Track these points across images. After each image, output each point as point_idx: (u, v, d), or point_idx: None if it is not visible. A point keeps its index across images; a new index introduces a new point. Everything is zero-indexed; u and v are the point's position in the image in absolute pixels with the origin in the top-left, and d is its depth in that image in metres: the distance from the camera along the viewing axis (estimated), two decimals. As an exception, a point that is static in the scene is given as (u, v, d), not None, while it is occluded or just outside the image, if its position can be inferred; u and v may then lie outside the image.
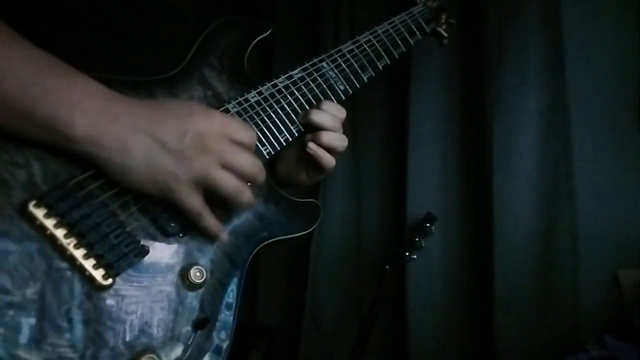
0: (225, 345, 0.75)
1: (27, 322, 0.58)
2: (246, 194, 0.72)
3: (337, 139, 0.92)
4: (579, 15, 1.72)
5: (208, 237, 0.75)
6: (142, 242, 0.69)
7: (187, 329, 0.70)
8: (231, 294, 0.77)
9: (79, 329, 0.61)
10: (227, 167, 0.69)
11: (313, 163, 0.94)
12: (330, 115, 0.92)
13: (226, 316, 0.76)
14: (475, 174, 1.86)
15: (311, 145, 0.91)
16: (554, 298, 1.66)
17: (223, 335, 0.75)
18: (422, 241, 1.85)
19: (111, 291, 0.65)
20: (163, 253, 0.71)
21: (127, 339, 0.65)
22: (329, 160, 0.92)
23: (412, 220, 1.91)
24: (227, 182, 0.69)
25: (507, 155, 1.74)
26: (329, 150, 0.92)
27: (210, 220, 0.72)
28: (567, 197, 1.67)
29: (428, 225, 1.83)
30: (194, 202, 0.69)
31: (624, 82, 1.68)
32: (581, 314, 1.63)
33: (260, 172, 0.74)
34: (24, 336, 0.57)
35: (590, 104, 1.71)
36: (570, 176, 1.67)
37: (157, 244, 0.71)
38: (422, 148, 1.94)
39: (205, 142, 0.67)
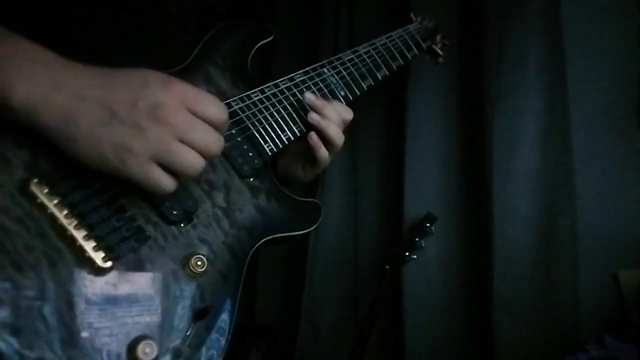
0: (224, 337, 0.74)
1: (24, 301, 0.57)
2: (201, 169, 0.66)
3: (336, 132, 0.93)
4: (579, 15, 1.73)
5: (210, 227, 0.75)
6: (144, 227, 0.69)
7: (186, 318, 0.70)
8: (232, 287, 0.77)
9: (75, 312, 0.60)
10: (185, 141, 0.63)
11: (309, 156, 0.95)
12: (335, 111, 0.94)
13: (226, 308, 0.75)
14: (475, 174, 1.85)
15: (312, 135, 0.92)
16: (554, 298, 1.65)
17: (222, 327, 0.74)
18: (422, 241, 1.84)
19: (110, 275, 0.64)
20: (164, 240, 0.71)
21: (125, 324, 0.64)
22: (324, 154, 0.94)
23: (411, 220, 1.91)
24: (185, 158, 0.63)
25: (507, 155, 1.74)
26: (326, 142, 0.93)
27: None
28: (567, 197, 1.67)
29: (428, 225, 1.83)
30: (157, 175, 0.62)
31: (624, 82, 1.68)
32: (581, 314, 1.62)
33: (219, 151, 0.68)
34: (18, 315, 0.57)
35: (590, 104, 1.71)
36: (570, 176, 1.67)
37: (158, 230, 0.71)
38: (421, 148, 1.93)
39: (160, 112, 0.61)
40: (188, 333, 0.69)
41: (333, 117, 0.93)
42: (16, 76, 0.57)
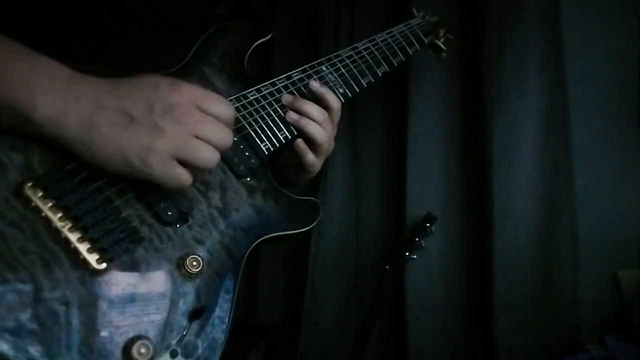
0: (221, 337, 0.74)
1: (19, 304, 0.57)
2: (216, 162, 0.70)
3: (317, 129, 0.91)
4: (579, 15, 1.72)
5: (206, 228, 0.76)
6: (138, 229, 0.69)
7: (182, 318, 0.70)
8: (228, 287, 0.77)
9: (70, 313, 0.60)
10: (201, 137, 0.67)
11: (299, 160, 0.93)
12: (317, 109, 0.92)
13: (223, 308, 0.75)
14: (475, 174, 1.85)
15: (299, 142, 0.91)
16: (554, 298, 1.66)
17: (219, 327, 0.74)
18: (422, 241, 1.84)
19: (105, 276, 0.64)
20: (159, 241, 0.71)
21: (120, 325, 0.64)
22: (311, 159, 0.92)
23: (412, 220, 1.91)
24: (203, 152, 0.67)
25: (507, 155, 1.74)
26: (310, 143, 0.92)
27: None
28: (567, 197, 1.67)
29: (428, 225, 1.83)
30: (179, 172, 0.66)
31: (624, 82, 1.68)
32: (581, 314, 1.62)
33: (230, 144, 0.72)
34: (15, 318, 0.57)
35: (590, 104, 1.71)
36: (570, 176, 1.67)
37: (153, 232, 0.71)
38: (422, 148, 1.93)
39: (175, 112, 0.65)
40: (184, 333, 0.70)
41: (314, 114, 0.91)
42: (38, 92, 0.60)
